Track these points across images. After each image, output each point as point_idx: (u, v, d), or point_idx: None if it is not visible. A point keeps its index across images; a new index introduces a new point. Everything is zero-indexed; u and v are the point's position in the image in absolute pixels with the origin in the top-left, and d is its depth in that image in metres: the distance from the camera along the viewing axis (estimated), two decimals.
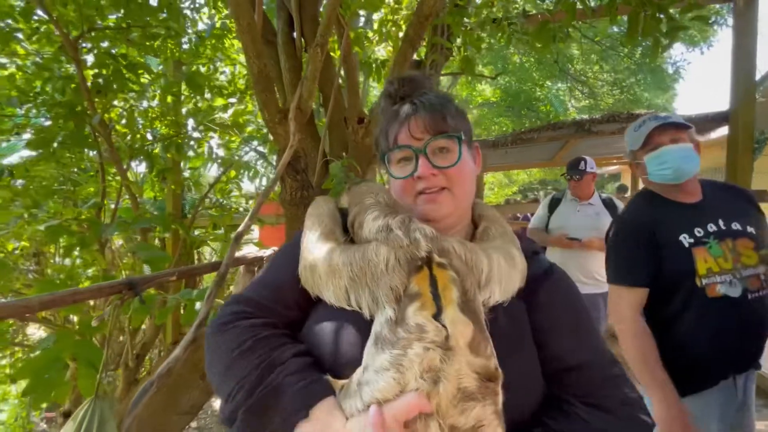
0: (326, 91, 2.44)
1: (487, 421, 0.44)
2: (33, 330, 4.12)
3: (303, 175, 2.06)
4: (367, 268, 0.52)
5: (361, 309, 0.52)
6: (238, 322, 0.57)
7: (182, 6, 3.26)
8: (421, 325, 0.45)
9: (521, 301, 0.60)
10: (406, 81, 0.71)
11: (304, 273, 0.59)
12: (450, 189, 0.65)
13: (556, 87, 11.36)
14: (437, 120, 0.65)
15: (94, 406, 0.96)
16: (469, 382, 0.44)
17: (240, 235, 1.46)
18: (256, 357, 0.51)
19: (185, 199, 3.65)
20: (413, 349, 0.44)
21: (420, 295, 0.48)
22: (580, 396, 0.56)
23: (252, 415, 0.48)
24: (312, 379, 0.49)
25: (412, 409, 0.42)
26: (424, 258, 0.50)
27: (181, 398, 2.12)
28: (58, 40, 2.49)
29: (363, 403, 0.44)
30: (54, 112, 2.50)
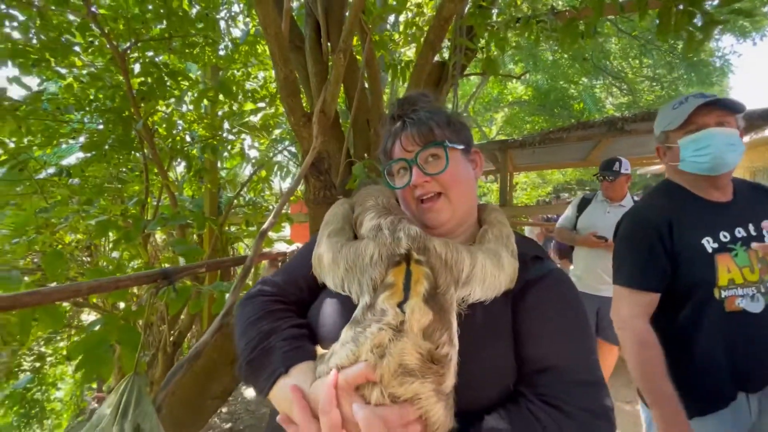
0: (351, 94, 2.52)
1: (424, 396, 0.50)
2: (86, 316, 4.50)
3: (326, 176, 2.14)
4: (357, 261, 0.60)
5: (351, 295, 0.61)
6: (257, 298, 0.71)
7: (218, 16, 3.47)
8: (384, 309, 0.53)
9: (507, 303, 0.64)
10: (402, 102, 0.79)
11: (314, 261, 0.69)
12: (445, 194, 0.71)
13: (591, 84, 10.93)
14: (424, 132, 0.72)
15: (132, 381, 1.07)
16: (411, 360, 0.50)
17: (264, 232, 1.56)
18: (262, 325, 0.64)
19: (221, 198, 3.87)
20: (370, 328, 0.51)
21: (393, 285, 0.55)
22: (541, 395, 0.58)
23: (250, 368, 0.61)
24: (298, 346, 0.61)
25: (360, 376, 0.50)
26: (403, 254, 0.58)
27: (213, 383, 2.27)
28: (108, 52, 2.73)
29: (328, 368, 0.53)
30: (105, 118, 2.75)
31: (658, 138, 1.23)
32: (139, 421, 0.99)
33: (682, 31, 2.00)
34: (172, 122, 2.94)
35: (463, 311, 0.58)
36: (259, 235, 1.49)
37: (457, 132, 0.75)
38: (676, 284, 1.10)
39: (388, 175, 0.78)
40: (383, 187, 0.79)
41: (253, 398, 3.59)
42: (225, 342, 2.27)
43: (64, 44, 2.64)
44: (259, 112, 3.48)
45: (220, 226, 2.72)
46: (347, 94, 2.64)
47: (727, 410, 1.06)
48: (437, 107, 0.78)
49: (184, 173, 3.66)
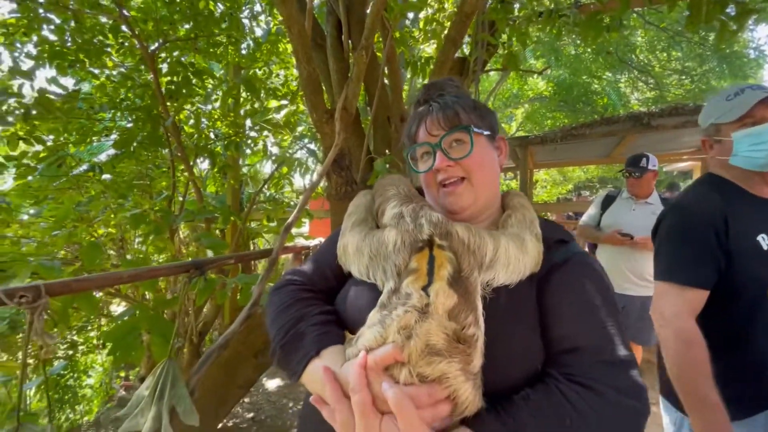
0: (372, 91, 2.55)
1: (452, 375, 0.51)
2: (114, 307, 4.70)
3: (348, 172, 2.18)
4: (380, 249, 0.62)
5: (376, 282, 0.63)
6: (287, 287, 0.73)
7: (241, 15, 3.54)
8: (409, 293, 0.54)
9: (533, 286, 0.64)
10: (429, 87, 0.79)
11: (339, 252, 0.71)
12: (468, 178, 0.71)
13: (616, 79, 10.61)
14: (449, 116, 0.72)
15: (168, 366, 1.13)
16: (437, 340, 0.51)
17: (289, 226, 1.60)
18: (293, 311, 0.67)
19: (243, 194, 3.97)
20: (396, 311, 0.53)
21: (417, 270, 0.56)
22: (569, 375, 0.58)
23: (283, 351, 0.64)
24: (327, 330, 0.63)
25: (388, 356, 0.51)
26: (425, 240, 0.59)
27: (237, 373, 2.35)
28: (138, 52, 2.83)
29: (357, 350, 0.55)
30: (134, 116, 2.86)
31: (707, 130, 1.17)
32: (174, 403, 1.05)
33: (714, 22, 1.94)
34: (198, 120, 3.02)
35: (487, 295, 0.59)
36: (283, 229, 1.53)
37: (483, 117, 0.75)
38: (727, 282, 1.05)
39: (412, 160, 0.79)
40: (402, 177, 0.80)
41: (275, 389, 3.68)
42: (249, 334, 2.35)
43: (97, 46, 2.76)
44: (282, 110, 3.54)
45: (243, 220, 2.80)
46: (367, 91, 2.66)
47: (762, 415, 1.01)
48: (464, 92, 0.78)
49: (208, 169, 3.76)
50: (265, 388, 3.69)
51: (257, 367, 2.44)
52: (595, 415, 0.54)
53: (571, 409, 0.54)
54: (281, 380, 3.86)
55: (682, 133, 4.08)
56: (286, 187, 4.13)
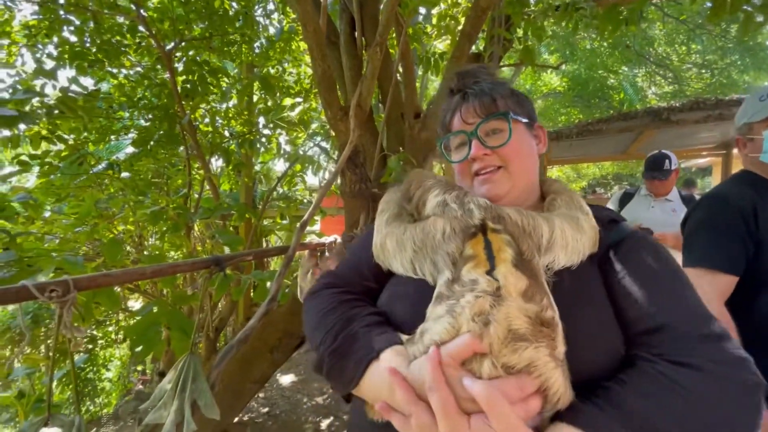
0: (385, 88, 2.54)
1: (541, 362, 0.46)
2: (132, 303, 4.80)
3: (362, 169, 2.18)
4: (426, 240, 0.58)
5: (425, 276, 0.59)
6: (326, 290, 0.70)
7: (255, 13, 3.56)
8: (474, 279, 0.50)
9: (594, 267, 0.61)
10: (463, 74, 0.75)
11: (376, 250, 0.68)
12: (505, 167, 0.68)
13: (633, 73, 10.38)
14: (486, 103, 0.69)
15: (189, 360, 1.15)
16: (520, 324, 0.46)
17: (305, 224, 1.61)
18: (339, 314, 0.63)
19: (256, 191, 4.01)
20: (465, 298, 0.48)
21: (474, 256, 0.53)
22: (663, 354, 0.52)
23: (334, 356, 0.58)
24: (382, 331, 0.58)
25: (466, 348, 0.45)
26: (478, 225, 0.56)
27: (252, 368, 2.38)
28: (155, 52, 2.87)
29: (424, 347, 0.50)
30: (152, 115, 2.90)
31: (740, 129, 1.23)
32: (195, 397, 1.07)
33: (738, 13, 1.87)
34: (214, 118, 3.06)
35: (550, 279, 0.55)
36: (299, 227, 1.54)
37: (521, 104, 0.72)
38: (755, 271, 1.09)
39: (445, 149, 0.76)
40: (433, 173, 0.78)
41: (289, 385, 3.73)
42: (264, 330, 2.37)
43: (115, 46, 2.81)
44: (296, 107, 3.56)
45: (258, 218, 2.83)
46: (381, 88, 2.66)
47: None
48: (499, 79, 0.75)
49: (222, 167, 3.81)
50: (279, 384, 3.73)
51: (272, 362, 2.47)
52: (703, 392, 0.49)
53: (679, 388, 0.49)
54: (295, 376, 3.91)
55: (701, 129, 3.98)
56: (299, 184, 4.16)
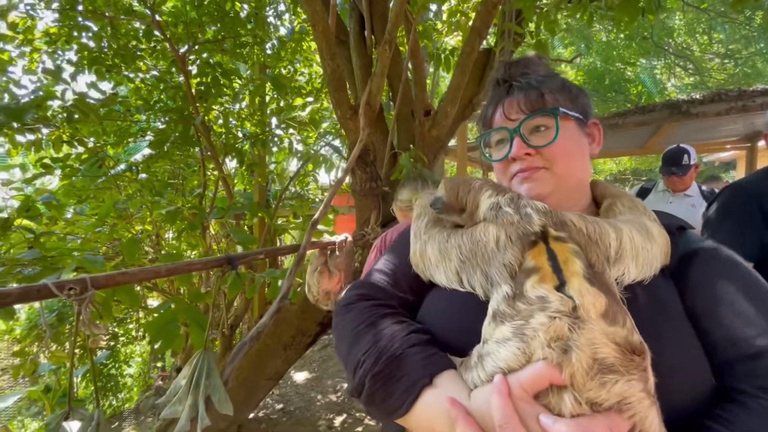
0: (395, 86, 2.54)
1: (635, 398, 0.38)
2: (151, 301, 4.93)
3: (372, 168, 2.18)
4: (477, 249, 0.52)
5: (474, 289, 0.52)
6: (360, 303, 0.61)
7: (266, 14, 3.60)
8: (542, 296, 0.43)
9: (669, 281, 0.54)
10: (510, 65, 0.68)
11: (414, 258, 0.61)
12: (549, 168, 0.60)
13: (651, 65, 10.10)
14: (532, 98, 0.61)
15: (203, 356, 1.18)
16: (607, 352, 0.39)
17: (316, 222, 1.63)
18: (378, 331, 0.54)
19: (269, 190, 4.06)
20: (536, 318, 0.41)
21: (538, 269, 0.46)
22: (765, 387, 0.45)
23: (377, 381, 0.49)
24: (433, 352, 0.50)
25: (541, 378, 0.39)
26: (538, 233, 0.49)
27: (266, 365, 2.42)
28: (170, 55, 2.93)
29: (486, 374, 0.43)
30: (167, 117, 2.97)
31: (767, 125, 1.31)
32: (209, 392, 1.09)
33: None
34: (227, 119, 3.11)
35: (622, 295, 0.47)
36: (310, 225, 1.56)
37: (573, 99, 0.63)
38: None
39: (485, 146, 0.69)
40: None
41: (303, 382, 3.78)
42: (277, 328, 2.41)
43: (131, 50, 2.88)
44: (307, 107, 3.59)
45: (271, 217, 2.86)
46: (391, 86, 2.66)
47: None
48: (551, 71, 0.67)
49: (236, 167, 3.87)
50: (293, 381, 3.78)
51: (285, 359, 2.51)
52: None
53: None
54: (308, 373, 3.95)
55: (724, 121, 3.84)
56: (311, 183, 4.19)
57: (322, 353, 4.51)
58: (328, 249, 1.68)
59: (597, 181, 0.69)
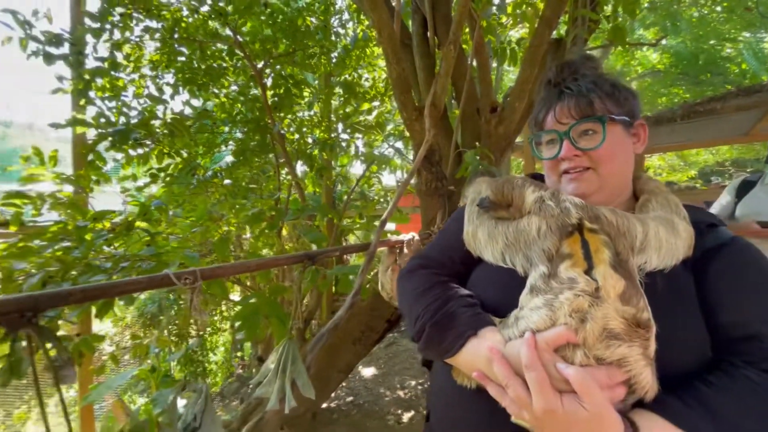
0: (459, 85, 2.53)
1: (632, 359, 0.50)
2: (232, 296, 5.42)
3: (437, 167, 2.20)
4: (520, 236, 0.62)
5: (515, 267, 0.63)
6: (420, 270, 0.76)
7: (332, 25, 3.79)
8: (572, 278, 0.53)
9: (689, 272, 0.61)
10: (564, 66, 0.74)
11: (467, 238, 0.73)
12: (595, 169, 0.68)
13: (757, 39, 8.74)
14: (582, 105, 0.68)
15: (288, 345, 1.29)
16: (616, 324, 0.50)
17: (384, 221, 1.69)
18: (436, 292, 0.69)
19: (335, 192, 4.25)
20: (564, 294, 0.53)
21: (571, 255, 0.56)
22: (754, 363, 0.55)
23: (434, 329, 0.65)
24: (478, 312, 0.64)
25: (560, 337, 0.51)
26: (575, 224, 0.58)
27: (338, 358, 2.55)
28: (249, 71, 3.22)
29: (519, 331, 0.55)
30: (246, 127, 3.26)
31: None
32: (294, 377, 1.19)
33: None
34: (300, 127, 3.33)
35: (642, 280, 0.57)
36: (379, 224, 1.62)
37: (621, 103, 0.70)
38: None
39: (535, 145, 0.77)
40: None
41: (371, 377, 3.89)
42: (348, 323, 2.52)
43: (217, 69, 3.21)
44: (373, 111, 3.70)
45: (339, 217, 3.01)
46: (454, 85, 2.64)
47: None
48: (602, 75, 0.73)
49: (306, 172, 4.11)
50: (361, 376, 3.92)
51: (355, 353, 2.61)
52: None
53: (766, 395, 0.52)
54: (376, 369, 4.06)
55: None
56: (375, 184, 4.31)
57: (388, 351, 4.60)
58: (396, 248, 1.73)
59: (640, 176, 0.76)
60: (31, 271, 1.59)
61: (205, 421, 0.98)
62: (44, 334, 0.74)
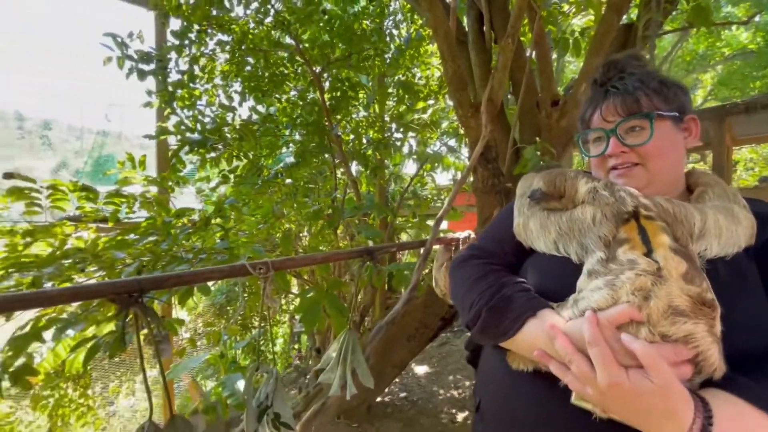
0: (517, 78, 2.45)
1: (699, 335, 0.49)
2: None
3: (494, 164, 2.16)
4: (574, 225, 0.64)
5: (569, 255, 0.65)
6: (474, 260, 0.79)
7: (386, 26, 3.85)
8: (632, 260, 0.54)
9: (751, 260, 0.60)
10: (610, 65, 0.75)
11: (518, 229, 0.75)
12: (644, 165, 0.68)
13: None
14: (629, 103, 0.69)
15: (348, 335, 1.35)
16: (681, 302, 0.50)
17: (440, 219, 1.70)
18: (490, 280, 0.71)
19: (388, 191, 4.32)
20: (625, 275, 0.53)
21: (629, 239, 0.57)
22: None
23: (491, 313, 0.67)
24: (533, 296, 0.66)
25: (623, 315, 0.51)
26: (630, 212, 0.59)
27: (392, 353, 2.60)
28: (308, 76, 3.38)
29: (579, 311, 0.56)
30: (306, 130, 3.43)
31: None
32: (354, 366, 1.25)
33: None
34: (356, 127, 3.44)
35: (703, 266, 0.56)
36: (436, 221, 1.64)
37: (670, 99, 0.70)
38: None
39: (582, 143, 0.78)
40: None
41: (424, 375, 3.91)
42: (402, 319, 2.56)
43: (279, 76, 3.42)
44: (428, 110, 3.72)
45: (393, 215, 3.07)
46: (512, 79, 2.57)
47: None
48: (649, 72, 0.73)
49: (360, 171, 4.22)
50: (414, 373, 3.95)
51: (409, 350, 2.65)
52: None
53: None
54: (429, 367, 4.07)
55: None
56: (428, 183, 4.31)
57: (441, 350, 4.58)
58: (452, 245, 1.74)
59: (692, 170, 0.76)
60: (126, 260, 1.82)
61: (276, 401, 1.07)
62: (148, 312, 0.86)
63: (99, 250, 1.78)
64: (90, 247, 1.79)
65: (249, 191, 3.25)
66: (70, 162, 29.06)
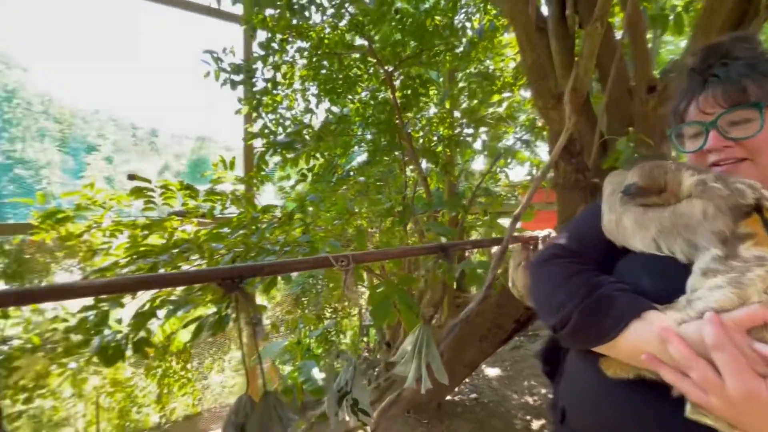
0: (604, 65, 2.25)
1: None
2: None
3: (578, 159, 2.01)
4: (679, 221, 0.59)
5: (674, 254, 0.59)
6: (558, 260, 0.73)
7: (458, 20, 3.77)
8: (760, 256, 0.50)
9: None
10: (708, 51, 0.68)
11: (609, 226, 0.69)
12: (752, 159, 0.62)
13: None
14: (732, 92, 0.62)
15: (423, 329, 1.37)
16: None
17: (518, 216, 1.63)
18: (580, 279, 0.65)
19: (458, 189, 4.24)
20: (753, 272, 0.49)
21: (754, 234, 0.52)
22: None
23: (585, 315, 0.60)
24: (635, 296, 0.59)
25: (756, 316, 0.47)
26: (752, 205, 0.54)
27: (463, 353, 2.56)
28: (380, 75, 3.45)
29: (695, 312, 0.51)
30: (377, 129, 3.51)
31: None
32: (429, 360, 1.26)
33: None
34: (428, 125, 3.44)
35: None
36: (513, 219, 1.58)
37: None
38: None
39: (677, 138, 0.72)
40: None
41: (496, 377, 3.79)
42: (474, 319, 2.51)
43: (352, 78, 3.54)
44: (503, 102, 3.59)
45: (465, 212, 3.02)
46: (599, 66, 2.37)
47: None
48: (761, 54, 0.64)
49: (430, 168, 4.20)
50: (486, 375, 3.84)
51: (481, 351, 2.59)
52: None
53: None
54: (501, 371, 3.93)
55: None
56: (501, 179, 4.15)
57: (514, 354, 4.40)
58: (530, 244, 1.66)
59: None
60: (221, 251, 2.03)
61: (355, 388, 1.12)
62: (247, 297, 0.96)
63: (200, 242, 2.02)
64: (193, 239, 2.04)
65: (324, 189, 3.43)
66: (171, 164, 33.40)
